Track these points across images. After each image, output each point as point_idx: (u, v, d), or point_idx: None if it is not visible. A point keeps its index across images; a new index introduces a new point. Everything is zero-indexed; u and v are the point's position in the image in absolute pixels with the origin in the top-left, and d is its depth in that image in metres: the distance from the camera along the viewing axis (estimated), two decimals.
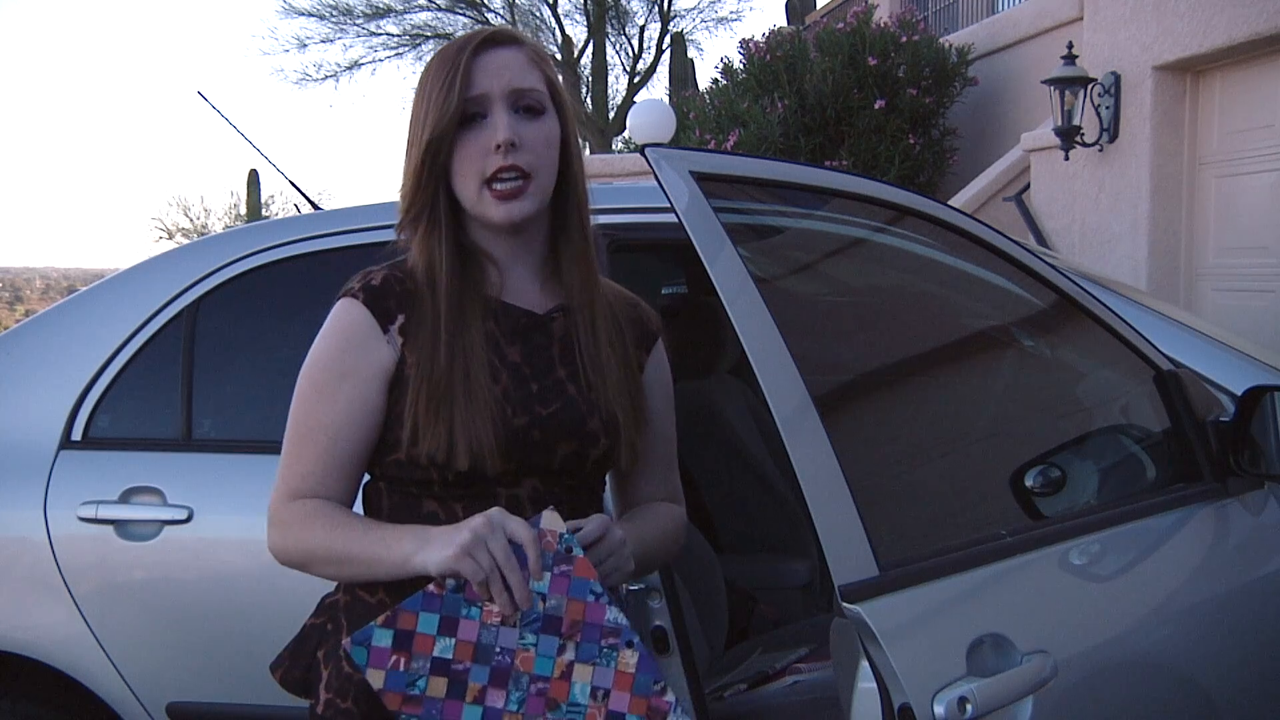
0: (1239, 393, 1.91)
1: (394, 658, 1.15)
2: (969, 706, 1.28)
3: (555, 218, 1.38)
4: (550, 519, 1.17)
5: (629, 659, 1.17)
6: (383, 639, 1.15)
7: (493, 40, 1.32)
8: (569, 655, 1.17)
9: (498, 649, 1.16)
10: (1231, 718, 1.76)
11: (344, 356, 1.31)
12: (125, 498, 2.22)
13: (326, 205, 2.72)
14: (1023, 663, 1.38)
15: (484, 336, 1.32)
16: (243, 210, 24.50)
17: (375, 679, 1.15)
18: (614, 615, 1.17)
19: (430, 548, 1.18)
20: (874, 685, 1.31)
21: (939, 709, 1.27)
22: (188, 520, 2.19)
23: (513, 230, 1.34)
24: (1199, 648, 1.71)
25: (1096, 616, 1.59)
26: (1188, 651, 1.70)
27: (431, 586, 1.16)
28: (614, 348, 1.38)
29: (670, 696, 1.18)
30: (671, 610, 1.94)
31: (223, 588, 2.19)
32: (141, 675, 2.22)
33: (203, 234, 22.94)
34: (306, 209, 2.77)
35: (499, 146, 1.28)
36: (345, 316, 1.33)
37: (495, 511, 1.18)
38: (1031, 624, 1.45)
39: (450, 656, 1.15)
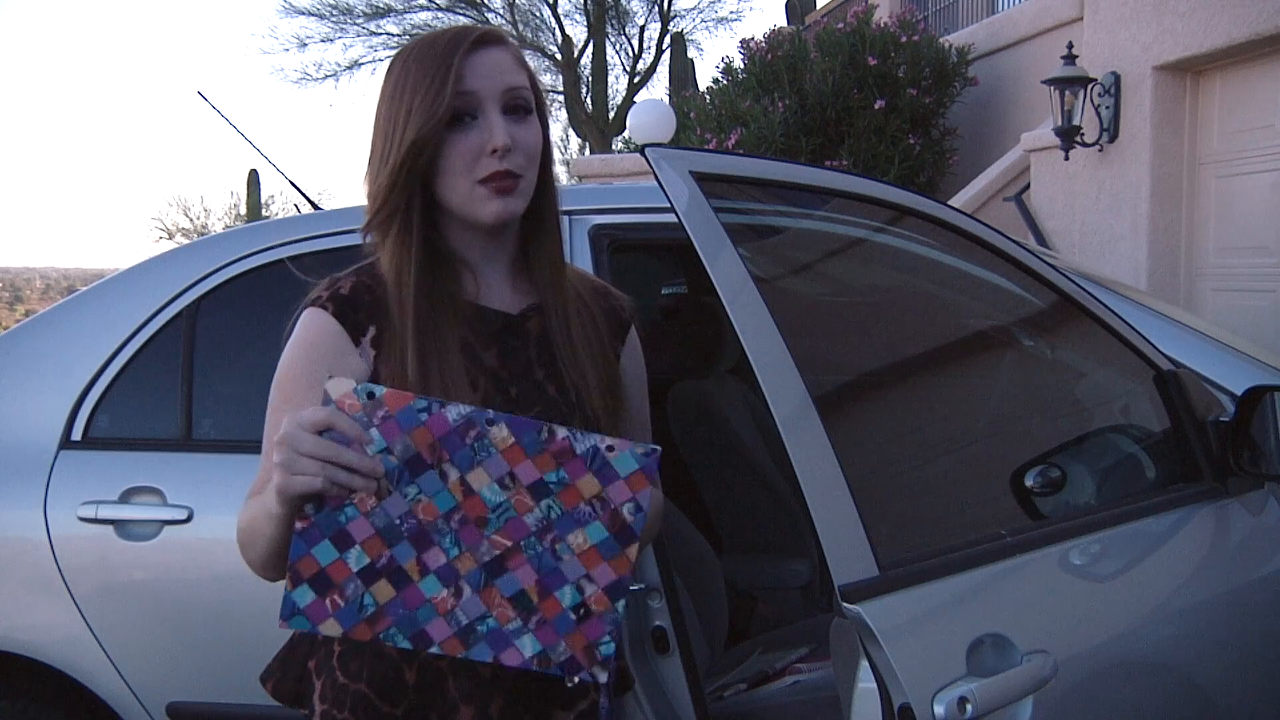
0: (1239, 393, 1.91)
1: (327, 601, 1.11)
2: (969, 706, 1.28)
3: (529, 215, 1.36)
4: (336, 386, 1.11)
5: (501, 434, 1.11)
6: (305, 596, 1.11)
7: (483, 40, 1.29)
8: (453, 475, 1.11)
9: (397, 520, 1.11)
10: (1231, 718, 1.76)
11: (313, 367, 1.27)
12: (125, 498, 2.23)
13: (326, 205, 2.71)
14: (1023, 663, 1.38)
15: (459, 344, 1.29)
16: (243, 210, 24.51)
17: (331, 628, 1.11)
18: (455, 413, 1.11)
19: (268, 490, 1.13)
20: (874, 685, 1.31)
21: (939, 709, 1.27)
22: (188, 520, 2.20)
23: (494, 230, 1.32)
24: (1199, 648, 1.71)
25: (1096, 616, 1.59)
26: (1188, 651, 1.70)
27: (298, 523, 1.11)
28: (590, 344, 1.36)
29: (561, 430, 1.12)
30: (671, 610, 1.94)
31: (223, 588, 2.19)
32: (141, 675, 2.22)
33: (203, 234, 22.94)
34: (306, 209, 2.77)
35: (494, 150, 1.26)
36: (313, 326, 1.29)
37: (285, 420, 1.11)
38: (1031, 624, 1.45)
39: (369, 561, 1.11)
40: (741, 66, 9.02)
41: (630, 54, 20.06)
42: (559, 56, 19.46)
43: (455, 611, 1.12)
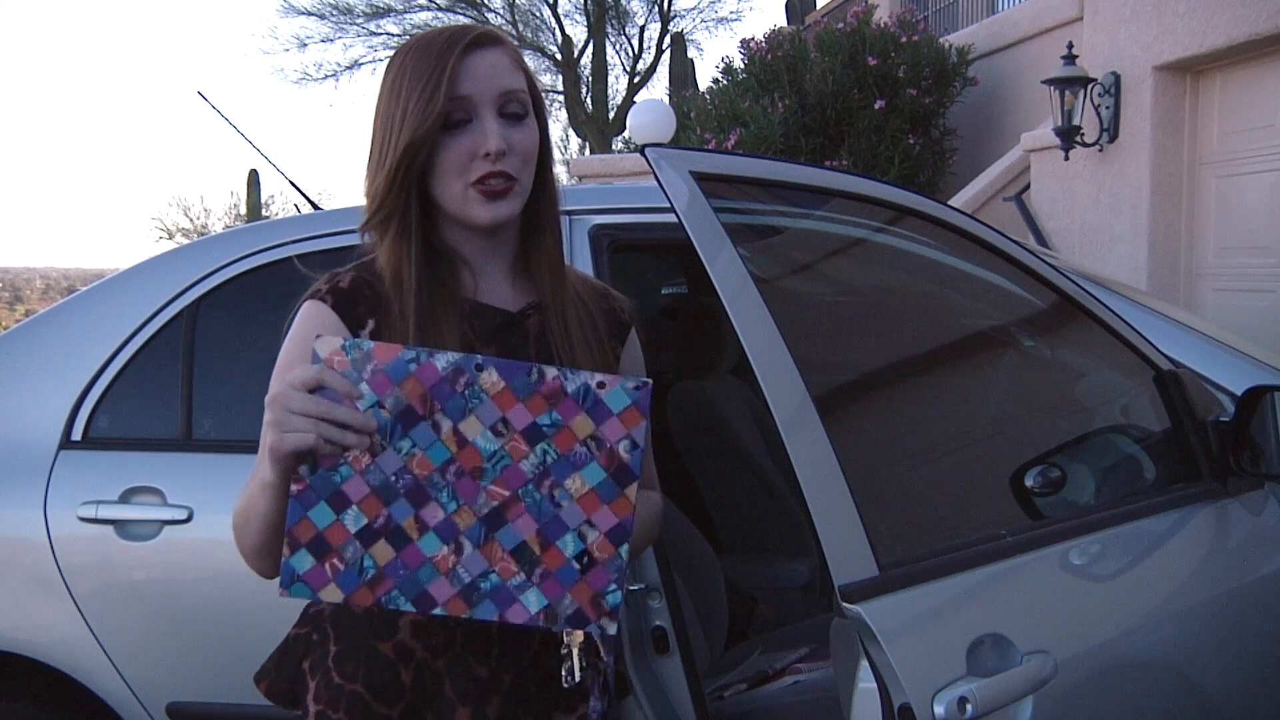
0: (1239, 393, 1.91)
1: (327, 565, 1.09)
2: (969, 706, 1.28)
3: (528, 215, 1.36)
4: (324, 344, 1.09)
5: (491, 379, 1.09)
6: (303, 562, 1.09)
7: (479, 42, 1.28)
8: (446, 425, 1.09)
9: (392, 476, 1.09)
10: (1231, 718, 1.76)
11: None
12: (125, 498, 2.22)
13: (326, 205, 2.71)
14: (1023, 663, 1.38)
15: (458, 339, 1.29)
16: (243, 210, 24.50)
17: (332, 594, 1.09)
18: (444, 361, 1.09)
19: (262, 460, 1.12)
20: (874, 685, 1.31)
21: (939, 709, 1.27)
22: (188, 520, 2.19)
23: (490, 231, 1.32)
24: (1199, 648, 1.71)
25: (1096, 616, 1.59)
26: (1188, 651, 1.70)
27: (293, 486, 1.09)
28: (589, 343, 1.36)
29: (551, 370, 1.09)
30: (671, 610, 1.94)
31: (223, 588, 2.19)
32: (141, 675, 2.22)
33: (203, 234, 22.93)
34: (306, 209, 2.77)
35: (488, 154, 1.26)
36: (313, 319, 1.30)
37: (275, 384, 1.10)
38: (1031, 624, 1.45)
39: (366, 521, 1.09)
40: (741, 66, 9.02)
41: (630, 54, 20.07)
42: (559, 56, 19.46)
43: (457, 569, 1.10)
